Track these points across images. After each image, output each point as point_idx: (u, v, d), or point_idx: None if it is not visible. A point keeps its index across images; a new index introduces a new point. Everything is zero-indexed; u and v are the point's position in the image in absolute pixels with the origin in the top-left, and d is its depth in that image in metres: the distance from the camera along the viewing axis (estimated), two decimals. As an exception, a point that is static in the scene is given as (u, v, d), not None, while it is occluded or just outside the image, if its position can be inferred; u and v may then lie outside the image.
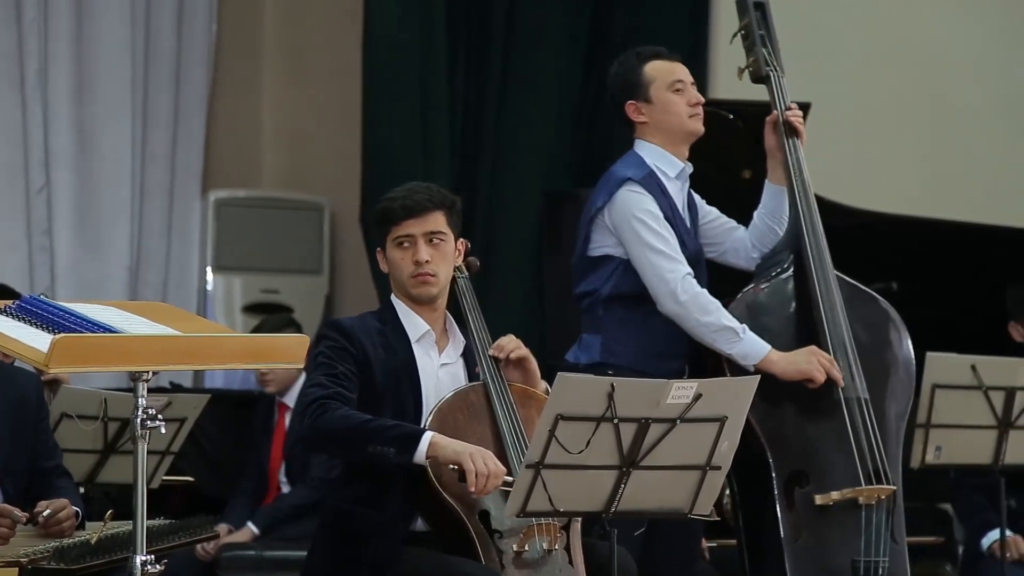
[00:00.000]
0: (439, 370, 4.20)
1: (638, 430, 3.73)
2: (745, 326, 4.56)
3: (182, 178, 8.02)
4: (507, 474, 3.91)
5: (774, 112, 4.82)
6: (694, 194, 4.83)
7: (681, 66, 4.73)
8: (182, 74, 8.02)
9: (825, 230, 4.78)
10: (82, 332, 3.34)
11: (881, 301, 4.82)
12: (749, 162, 5.95)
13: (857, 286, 4.80)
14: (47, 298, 3.48)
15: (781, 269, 4.73)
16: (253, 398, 6.91)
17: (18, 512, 4.04)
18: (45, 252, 7.62)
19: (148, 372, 3.42)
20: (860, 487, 4.53)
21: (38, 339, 3.31)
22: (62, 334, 3.28)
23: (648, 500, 3.84)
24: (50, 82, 7.63)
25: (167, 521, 4.39)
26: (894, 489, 4.57)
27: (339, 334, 4.12)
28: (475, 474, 3.85)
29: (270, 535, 6.42)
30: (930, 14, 8.07)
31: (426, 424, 4.06)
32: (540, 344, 7.24)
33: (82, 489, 4.82)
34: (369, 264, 7.28)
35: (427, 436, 3.92)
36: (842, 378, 4.58)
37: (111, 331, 3.37)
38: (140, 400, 3.45)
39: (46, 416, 4.52)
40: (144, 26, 7.86)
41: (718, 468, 3.86)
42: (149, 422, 3.44)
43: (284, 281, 8.13)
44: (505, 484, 3.89)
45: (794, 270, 4.71)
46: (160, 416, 3.45)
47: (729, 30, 4.94)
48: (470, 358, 4.25)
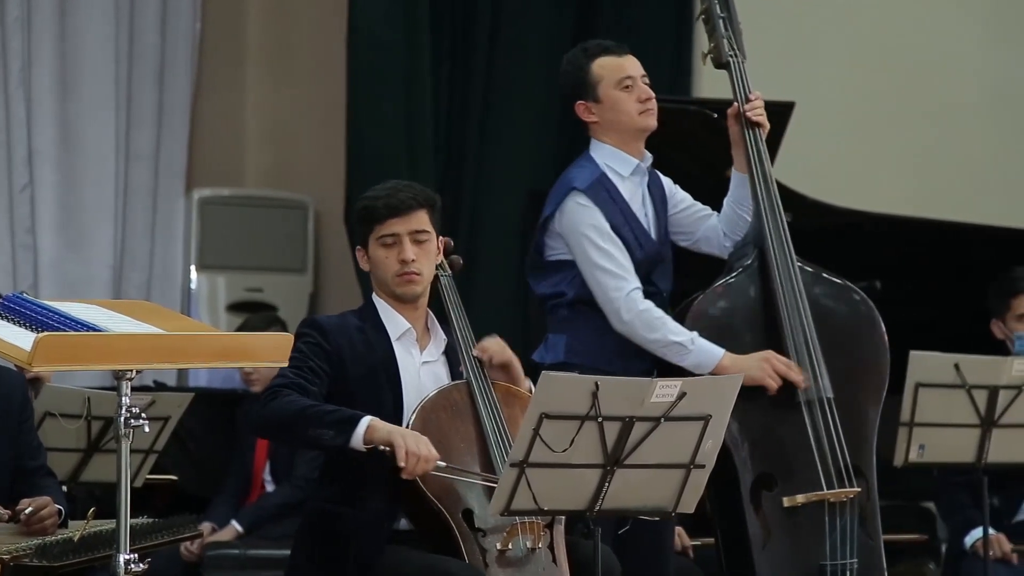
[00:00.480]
0: (420, 368, 4.20)
1: (622, 429, 3.74)
2: (695, 334, 4.51)
3: (166, 177, 8.01)
4: (439, 460, 3.91)
5: (735, 104, 4.74)
6: (666, 182, 4.76)
7: (631, 60, 4.63)
8: (166, 73, 8.01)
9: (810, 229, 4.76)
10: (65, 331, 3.34)
11: (855, 292, 4.76)
12: (732, 161, 5.96)
13: (829, 278, 4.74)
14: (30, 296, 3.48)
15: (744, 266, 4.66)
16: (237, 397, 6.91)
17: (0, 509, 4.04)
18: (28, 250, 7.60)
19: (132, 371, 3.42)
20: (822, 491, 4.51)
21: (21, 338, 3.30)
22: (45, 332, 3.27)
23: (632, 499, 3.85)
24: (33, 80, 7.61)
25: (150, 520, 4.38)
26: (858, 492, 4.54)
27: (316, 331, 4.12)
28: (405, 452, 3.85)
29: (254, 534, 6.42)
30: (916, 13, 8.08)
31: (409, 423, 4.06)
32: (523, 342, 7.21)
33: (65, 488, 4.80)
34: (353, 262, 7.27)
35: (365, 420, 3.92)
36: (803, 380, 4.54)
37: (95, 330, 3.37)
38: (124, 399, 3.44)
39: (30, 416, 4.51)
40: (128, 24, 7.85)
41: (702, 467, 3.86)
42: (133, 421, 3.44)
43: (268, 280, 8.12)
44: (437, 468, 3.89)
45: (757, 265, 4.64)
46: (144, 415, 3.45)
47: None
48: (452, 356, 4.25)
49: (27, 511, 4.12)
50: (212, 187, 8.16)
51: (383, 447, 3.89)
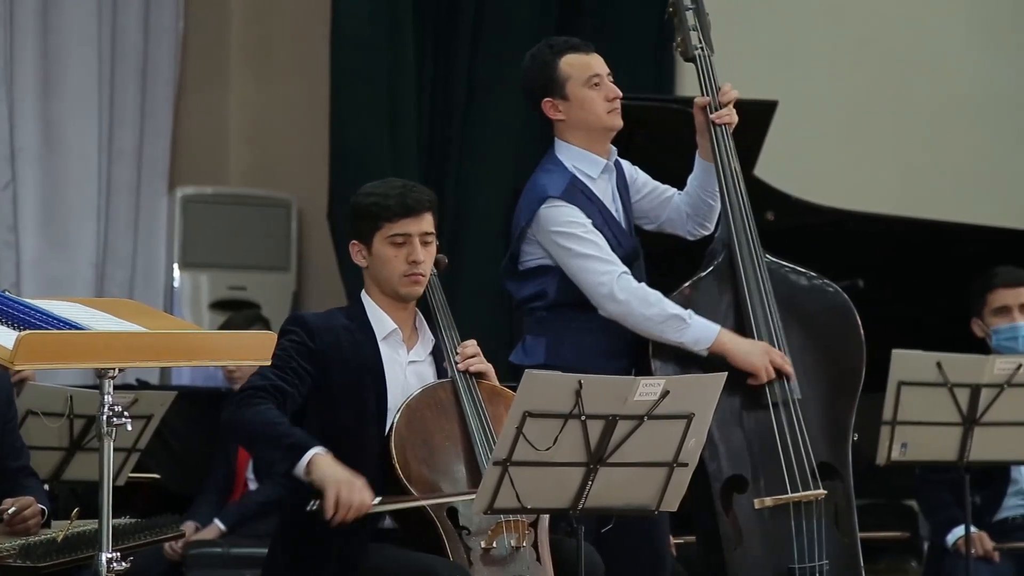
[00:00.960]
0: (407, 368, 4.20)
1: (605, 427, 3.74)
2: (691, 311, 4.49)
3: (149, 175, 8.00)
4: (374, 501, 3.87)
5: (704, 97, 4.70)
6: (627, 167, 4.72)
7: (597, 58, 4.59)
8: (149, 71, 7.99)
9: (794, 227, 4.75)
10: (48, 329, 3.33)
11: (829, 286, 4.74)
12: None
13: (802, 273, 4.72)
14: (12, 295, 3.47)
15: (714, 266, 4.64)
16: (220, 395, 6.89)
17: (-17, 510, 4.03)
18: (10, 248, 7.58)
19: (114, 369, 3.41)
20: (787, 495, 4.50)
21: (3, 336, 3.30)
22: (27, 331, 3.26)
23: (615, 497, 3.85)
24: (16, 78, 7.59)
25: (133, 520, 4.37)
26: (824, 494, 4.52)
27: (301, 329, 4.12)
28: (334, 502, 3.83)
29: (237, 532, 6.41)
30: (903, 13, 8.10)
31: (394, 421, 4.06)
32: (508, 342, 7.24)
33: (47, 487, 4.80)
34: (337, 261, 7.27)
35: (311, 452, 3.90)
36: (793, 374, 4.52)
37: (77, 328, 3.36)
38: (106, 397, 3.44)
39: (14, 416, 4.50)
40: (111, 22, 7.83)
41: (685, 465, 3.87)
42: (115, 419, 3.43)
43: (251, 278, 8.11)
44: (370, 510, 3.87)
45: (726, 264, 4.62)
46: (126, 413, 3.45)
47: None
48: (439, 356, 4.25)
49: (10, 511, 4.11)
50: (195, 185, 8.15)
51: (312, 502, 3.86)
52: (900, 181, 7.92)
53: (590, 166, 4.60)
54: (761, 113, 6.11)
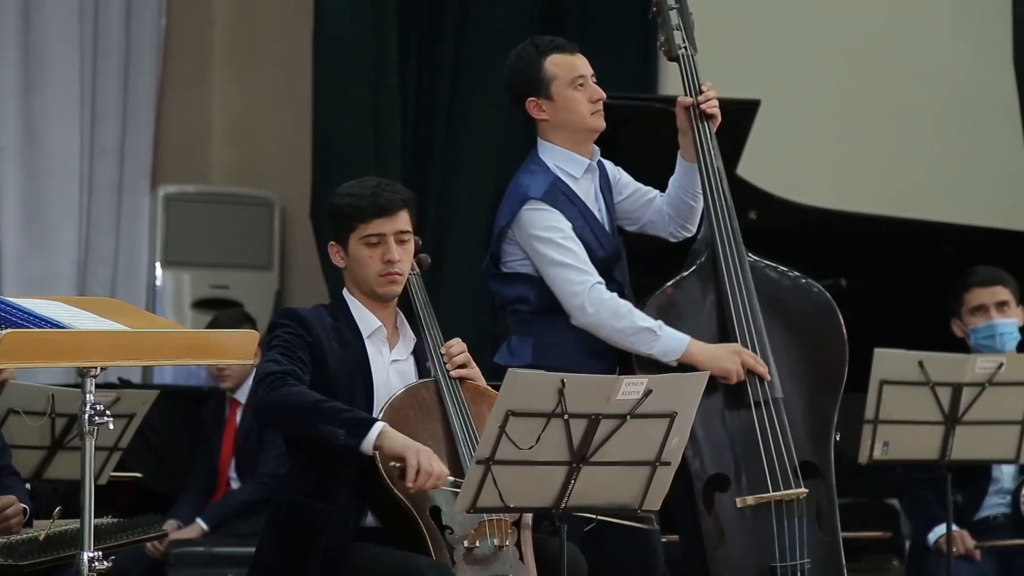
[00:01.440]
0: (390, 367, 4.20)
1: (588, 426, 3.74)
2: (661, 322, 4.50)
3: (131, 173, 7.98)
4: (451, 475, 3.90)
5: (688, 97, 4.70)
6: (610, 168, 4.72)
7: (582, 59, 4.59)
8: (131, 68, 7.98)
9: (774, 227, 4.75)
10: (29, 327, 3.32)
11: (812, 285, 4.75)
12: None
13: (785, 272, 4.72)
14: (-6, 293, 3.47)
15: (696, 265, 4.64)
16: (202, 394, 6.89)
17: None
18: (-8, 247, 7.57)
19: (96, 368, 3.41)
20: (768, 493, 4.51)
21: (-15, 334, 3.29)
22: (9, 329, 3.26)
23: (598, 496, 3.85)
24: (-3, 76, 7.59)
25: (115, 519, 4.36)
26: (805, 492, 4.53)
27: (296, 322, 4.11)
28: (416, 470, 3.84)
29: (219, 531, 6.40)
30: (883, 13, 8.11)
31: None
32: (491, 342, 7.23)
33: (29, 485, 4.78)
34: (320, 260, 7.26)
35: (379, 425, 3.91)
36: (767, 373, 4.53)
37: (58, 326, 3.36)
38: (88, 396, 3.43)
39: (-4, 416, 4.50)
40: (92, 20, 7.82)
41: (667, 464, 3.87)
42: (97, 418, 3.43)
43: (234, 276, 8.10)
44: (446, 485, 3.89)
45: (709, 263, 4.62)
46: (108, 412, 3.44)
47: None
48: (421, 356, 4.25)
49: (-9, 510, 4.11)
50: (177, 184, 8.13)
51: (393, 463, 3.88)
52: (882, 180, 7.93)
53: (573, 166, 4.60)
54: (743, 112, 6.11)
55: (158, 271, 8.01)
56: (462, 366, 4.20)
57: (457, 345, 4.22)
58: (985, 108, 7.99)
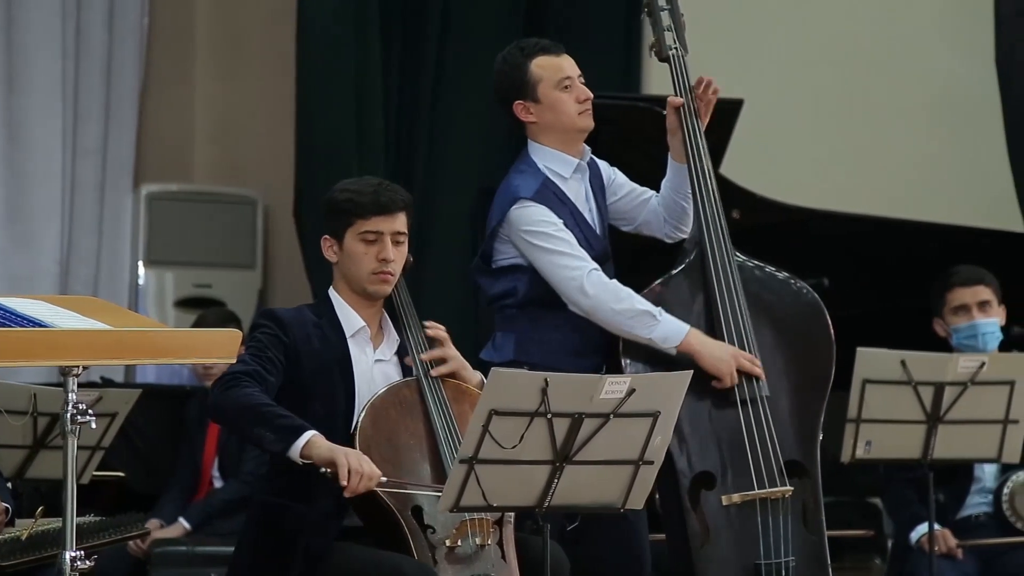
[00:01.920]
0: (373, 367, 4.20)
1: (571, 425, 3.74)
2: (661, 308, 4.51)
3: (114, 172, 7.96)
4: (382, 476, 3.89)
5: (678, 97, 4.71)
6: (604, 168, 4.73)
7: (568, 60, 4.60)
8: (113, 67, 7.96)
9: (757, 226, 4.76)
10: (11, 326, 3.32)
11: (800, 285, 4.76)
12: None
13: (773, 272, 4.74)
14: (-24, 292, 3.46)
15: (685, 263, 4.65)
16: (185, 393, 6.88)
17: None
18: (-26, 246, 7.55)
19: (78, 367, 3.40)
20: (753, 491, 4.52)
21: (-34, 334, 3.28)
22: (-9, 328, 3.25)
23: (581, 495, 3.85)
24: (-21, 75, 7.57)
25: (98, 518, 4.36)
26: (791, 490, 4.54)
27: (274, 323, 4.12)
28: (348, 470, 3.83)
29: (202, 530, 6.39)
30: (864, 13, 8.13)
31: (359, 420, 4.06)
32: (474, 341, 7.23)
33: (11, 485, 4.77)
34: (303, 259, 7.26)
35: (308, 433, 3.90)
36: (763, 374, 4.55)
37: (41, 325, 3.35)
38: (70, 395, 3.43)
39: (-23, 416, 4.49)
40: (75, 19, 7.80)
41: (651, 463, 3.88)
42: (79, 417, 3.42)
43: (216, 275, 8.09)
44: (380, 485, 3.88)
45: (697, 262, 4.64)
46: (90, 411, 3.43)
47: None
48: (404, 356, 4.25)
49: (-27, 509, 4.10)
50: (160, 182, 8.12)
51: (324, 469, 3.87)
52: (865, 180, 7.95)
53: (562, 166, 4.60)
54: (727, 112, 6.12)
55: (141, 270, 8.00)
56: (440, 360, 4.19)
57: (438, 330, 4.22)
58: (968, 107, 8.01)
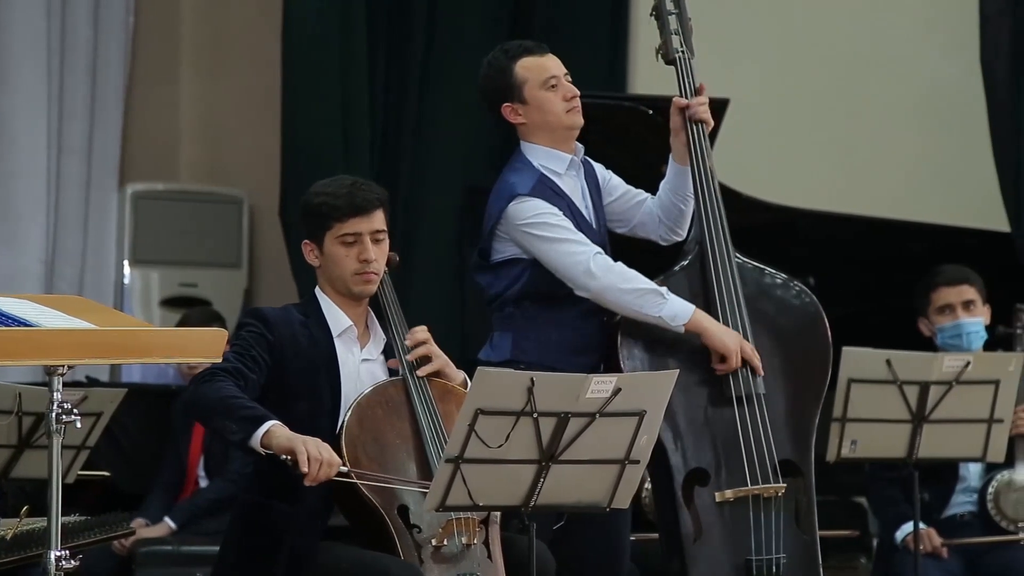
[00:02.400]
0: (360, 366, 4.20)
1: (557, 424, 3.75)
2: (666, 288, 4.53)
3: (99, 171, 7.95)
4: (342, 465, 3.88)
5: (683, 99, 4.74)
6: (599, 170, 4.75)
7: (552, 59, 4.62)
8: (99, 66, 7.94)
9: (742, 226, 4.77)
10: (-4, 326, 3.31)
11: (802, 290, 4.79)
12: (667, 157, 5.97)
13: (774, 275, 4.77)
14: (-40, 291, 3.45)
15: (686, 261, 4.68)
16: (171, 392, 6.87)
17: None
18: (-41, 245, 7.53)
19: (63, 366, 3.39)
20: (746, 487, 4.54)
21: (-49, 333, 3.27)
22: (-24, 328, 3.24)
23: (567, 494, 3.86)
24: (-36, 73, 7.55)
25: (83, 518, 4.35)
26: (783, 487, 4.56)
27: (259, 322, 4.12)
28: (307, 457, 3.82)
29: (187, 530, 6.38)
30: (850, 11, 8.14)
31: (345, 419, 4.06)
32: (461, 339, 7.23)
33: (-5, 484, 4.77)
34: (289, 258, 7.25)
35: (268, 423, 3.88)
36: (761, 368, 4.58)
37: (26, 324, 3.34)
38: (55, 394, 3.42)
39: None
40: (60, 17, 7.78)
41: (636, 462, 3.88)
42: (64, 416, 3.41)
43: (202, 275, 8.08)
44: (340, 475, 3.87)
45: (697, 261, 4.67)
46: (76, 410, 3.43)
47: (649, 22, 4.94)
48: (391, 355, 4.25)
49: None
50: (146, 181, 8.11)
51: (284, 456, 3.86)
52: (850, 180, 7.96)
53: (556, 163, 4.62)
54: (713, 111, 6.12)
55: (126, 269, 7.98)
56: (425, 358, 4.19)
57: (421, 333, 4.22)
58: (953, 107, 8.03)
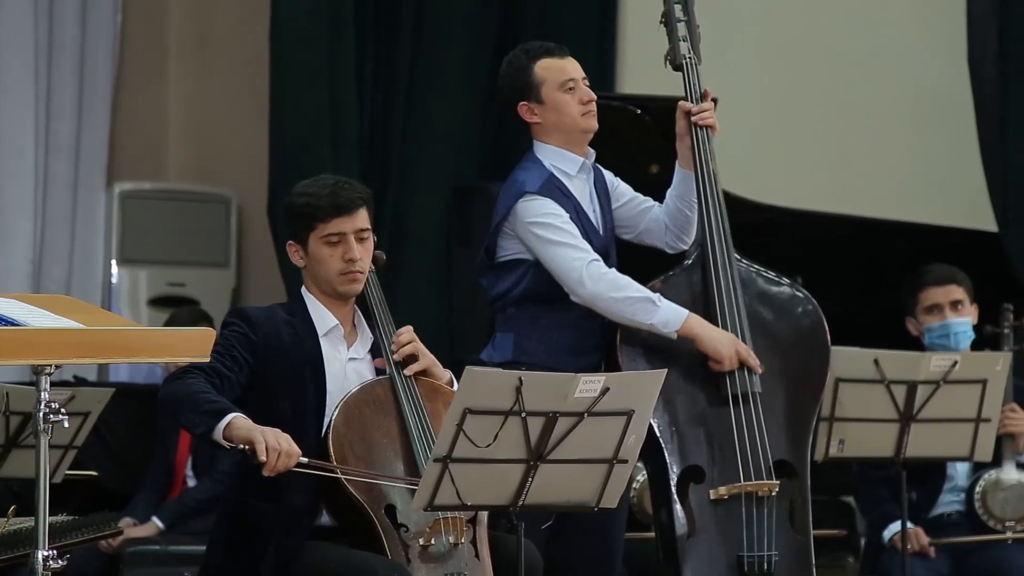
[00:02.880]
0: (347, 365, 4.19)
1: (546, 424, 3.75)
2: (659, 295, 4.56)
3: (86, 170, 7.93)
4: (301, 456, 3.87)
5: (688, 103, 4.79)
6: (608, 176, 4.80)
7: (572, 63, 4.67)
8: (86, 65, 7.93)
9: (732, 226, 4.79)
10: (-17, 325, 3.30)
11: (798, 292, 4.81)
12: (656, 157, 5.98)
13: (773, 278, 4.80)
14: (-53, 291, 3.44)
15: (687, 263, 4.73)
16: (158, 392, 6.85)
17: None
18: (-54, 244, 7.52)
19: (51, 366, 3.39)
20: (740, 483, 4.55)
21: (-62, 332, 3.27)
22: (-37, 327, 3.24)
23: (555, 493, 3.86)
24: (-49, 72, 7.53)
25: (70, 517, 4.34)
26: (776, 484, 4.58)
27: (243, 321, 4.11)
28: (266, 447, 3.81)
29: (175, 529, 6.38)
30: (838, 11, 8.15)
31: (333, 418, 4.05)
32: (449, 338, 7.24)
33: (-17, 484, 4.76)
34: (277, 257, 7.25)
35: (230, 415, 3.88)
36: (759, 367, 4.60)
37: (13, 324, 3.34)
38: (43, 394, 3.42)
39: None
40: (47, 16, 7.77)
41: (625, 462, 3.88)
42: (52, 416, 3.41)
43: (190, 274, 8.07)
44: (299, 465, 3.86)
45: (698, 262, 4.70)
46: (63, 410, 3.42)
47: (637, 23, 4.97)
48: (378, 354, 4.24)
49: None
50: (133, 181, 8.09)
51: (243, 446, 3.85)
52: (838, 179, 7.97)
53: (568, 164, 4.66)
54: (700, 111, 6.13)
55: (114, 268, 7.97)
56: (411, 356, 4.18)
57: (406, 334, 4.21)
58: (941, 107, 8.04)
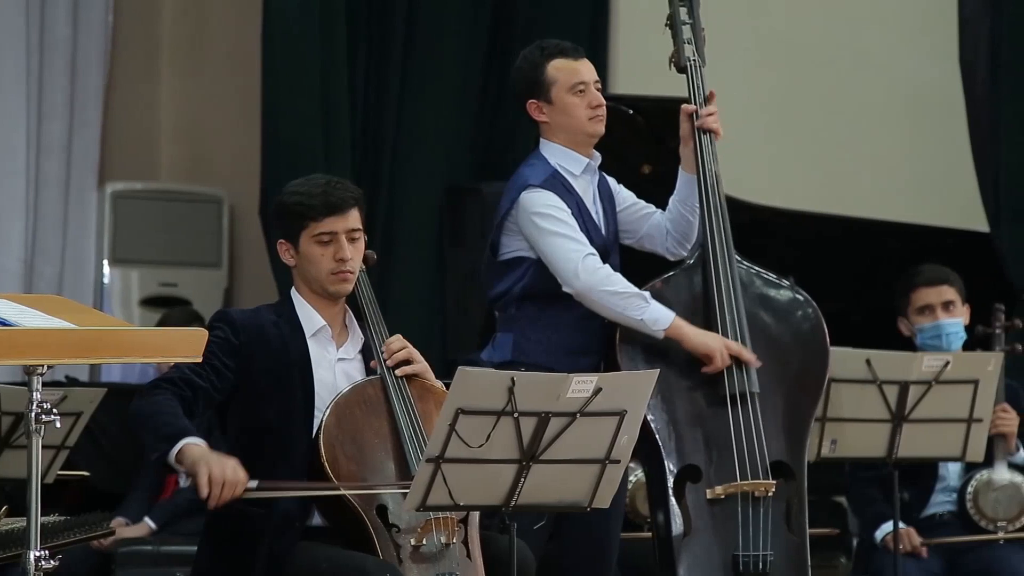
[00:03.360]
0: (336, 365, 4.18)
1: (538, 424, 3.75)
2: (648, 293, 4.58)
3: (78, 170, 7.93)
4: (250, 481, 3.85)
5: (692, 105, 4.80)
6: (611, 182, 4.82)
7: (586, 65, 4.68)
8: (78, 65, 7.92)
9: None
10: (-25, 325, 3.30)
11: (798, 295, 4.83)
12: (648, 157, 5.99)
13: (773, 280, 4.82)
14: (-61, 291, 3.44)
15: (687, 264, 4.74)
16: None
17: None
18: (-63, 244, 7.51)
19: (42, 366, 3.38)
20: (736, 482, 4.56)
21: (-70, 332, 3.26)
22: (-46, 327, 3.23)
23: (548, 494, 3.86)
24: (-58, 72, 7.52)
25: (62, 518, 4.33)
26: (773, 484, 4.59)
27: (226, 325, 4.10)
28: (207, 479, 3.81)
29: (167, 530, 6.37)
30: (828, 11, 8.15)
31: (324, 418, 4.05)
32: (441, 338, 7.24)
33: (-26, 484, 4.75)
34: (269, 257, 7.24)
35: (182, 442, 3.86)
36: (755, 360, 4.61)
37: (5, 324, 3.33)
38: (34, 394, 3.41)
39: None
40: (39, 15, 7.76)
41: (617, 462, 3.88)
42: (44, 416, 3.40)
43: (182, 274, 8.07)
44: (248, 491, 3.85)
45: (698, 263, 4.72)
46: (55, 410, 3.42)
47: (628, 24, 4.97)
48: (368, 355, 4.24)
49: (-64, 508, 4.07)
50: (125, 180, 8.09)
51: (189, 478, 3.84)
52: (830, 179, 7.98)
53: (573, 164, 4.68)
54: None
55: (106, 268, 7.96)
56: (405, 361, 4.18)
57: (397, 342, 4.20)
58: (933, 108, 8.05)
